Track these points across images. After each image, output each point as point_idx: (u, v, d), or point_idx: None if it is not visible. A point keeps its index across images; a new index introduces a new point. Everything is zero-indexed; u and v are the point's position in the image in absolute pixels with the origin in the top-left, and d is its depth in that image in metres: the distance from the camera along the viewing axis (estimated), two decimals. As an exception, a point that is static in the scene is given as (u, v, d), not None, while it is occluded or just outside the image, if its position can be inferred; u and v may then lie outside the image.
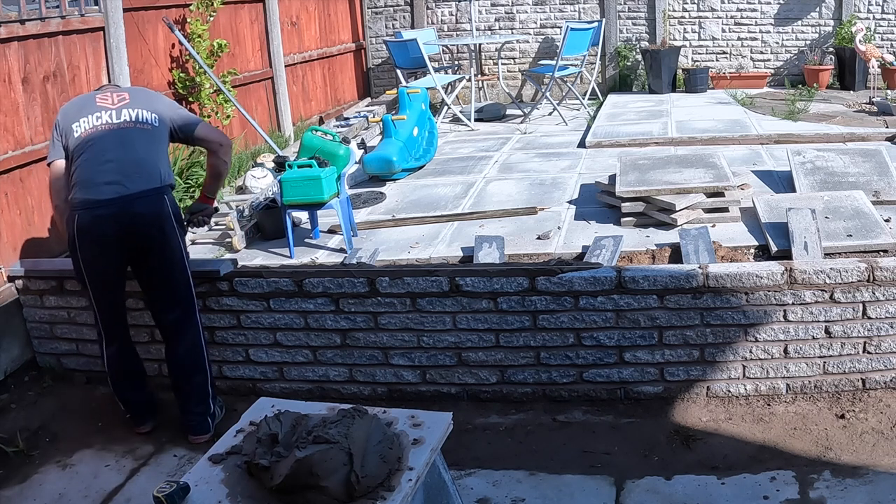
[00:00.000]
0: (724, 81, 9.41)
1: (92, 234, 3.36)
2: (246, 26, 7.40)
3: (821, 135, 6.69)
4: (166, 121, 3.58)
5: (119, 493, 3.20)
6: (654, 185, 4.96)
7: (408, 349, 3.72)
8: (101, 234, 3.35)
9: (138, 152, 3.43)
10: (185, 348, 3.55)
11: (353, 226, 5.16)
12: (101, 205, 3.32)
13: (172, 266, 3.48)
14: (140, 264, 3.49)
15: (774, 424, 3.32)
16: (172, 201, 3.49)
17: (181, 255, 3.50)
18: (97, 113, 3.47)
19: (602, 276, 3.48)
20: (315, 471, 2.08)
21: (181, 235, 3.52)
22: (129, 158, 3.40)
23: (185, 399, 3.55)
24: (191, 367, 3.55)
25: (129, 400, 3.63)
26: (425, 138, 6.90)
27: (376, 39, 10.34)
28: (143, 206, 3.37)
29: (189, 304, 3.55)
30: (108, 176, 3.36)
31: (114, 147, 3.41)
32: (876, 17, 9.16)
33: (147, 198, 3.38)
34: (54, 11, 4.75)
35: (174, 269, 3.49)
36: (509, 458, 3.25)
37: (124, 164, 3.39)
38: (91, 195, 3.34)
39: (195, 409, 3.54)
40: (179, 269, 3.51)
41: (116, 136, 3.44)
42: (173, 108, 3.71)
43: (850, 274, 3.34)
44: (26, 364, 4.19)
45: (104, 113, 3.47)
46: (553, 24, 9.90)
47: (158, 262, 3.46)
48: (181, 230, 3.53)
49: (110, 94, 3.57)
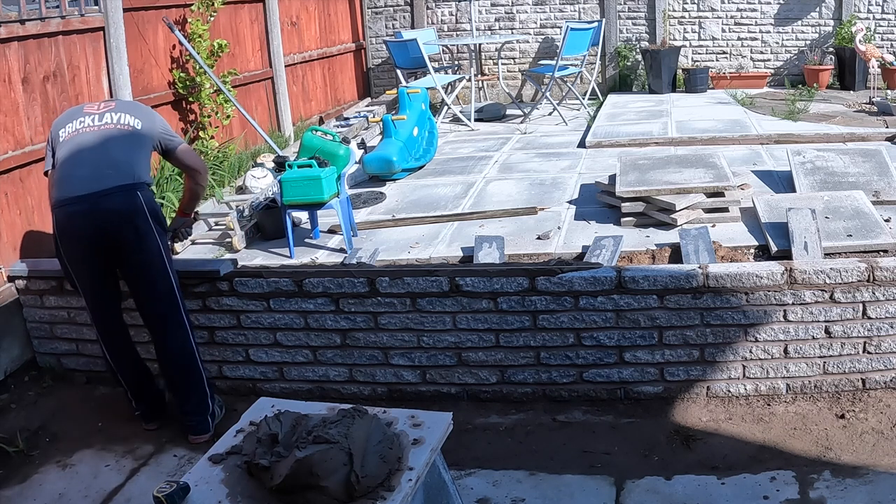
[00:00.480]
0: (724, 81, 9.41)
1: (69, 233, 3.37)
2: (246, 26, 7.40)
3: (821, 135, 6.69)
4: (150, 130, 3.57)
5: (119, 493, 3.20)
6: (654, 185, 4.96)
7: (408, 349, 3.72)
8: (76, 232, 3.35)
9: (114, 151, 3.43)
10: (173, 348, 3.52)
11: (353, 226, 5.16)
12: (74, 201, 3.32)
13: (150, 264, 3.43)
14: (120, 263, 3.46)
15: (774, 424, 3.32)
16: (149, 199, 3.44)
17: (160, 254, 3.45)
18: (81, 118, 3.52)
19: (602, 276, 3.48)
20: (315, 471, 2.08)
21: (160, 234, 3.46)
22: (104, 158, 3.40)
23: (182, 399, 3.55)
24: (181, 367, 3.52)
25: (139, 397, 3.63)
26: (425, 138, 6.90)
27: (376, 39, 10.35)
28: (114, 202, 3.33)
29: (172, 303, 3.49)
30: (82, 173, 3.36)
31: (91, 147, 3.42)
32: (876, 17, 9.16)
33: (119, 194, 3.34)
34: (54, 11, 4.75)
35: (152, 268, 3.44)
36: (509, 458, 3.25)
37: (99, 162, 3.38)
38: (65, 193, 3.35)
39: (193, 409, 3.53)
40: (157, 268, 3.45)
41: (94, 137, 3.45)
42: (161, 122, 3.71)
43: (850, 274, 3.34)
44: (26, 364, 4.19)
45: (87, 117, 3.52)
46: (553, 24, 9.90)
47: (136, 260, 3.42)
48: (161, 229, 3.47)
49: (99, 103, 3.62)
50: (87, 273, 3.46)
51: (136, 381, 3.63)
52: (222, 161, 6.39)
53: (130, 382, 3.62)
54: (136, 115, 3.57)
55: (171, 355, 3.52)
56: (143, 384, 3.65)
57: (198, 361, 3.55)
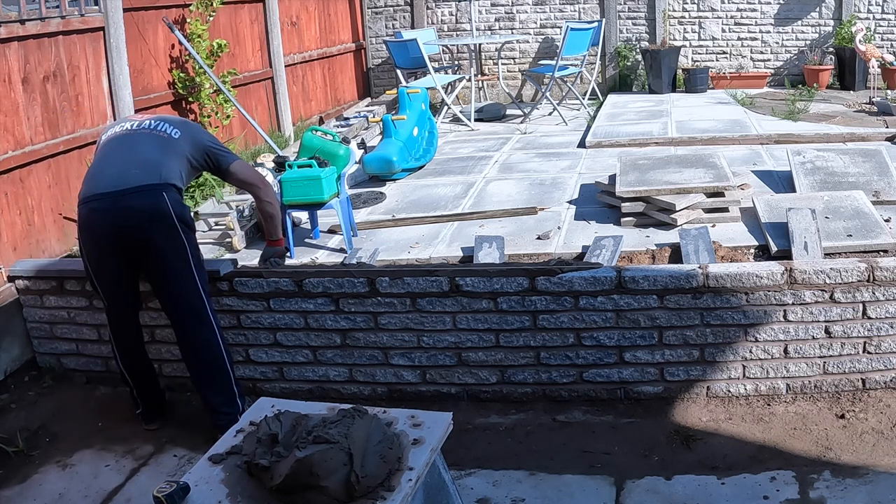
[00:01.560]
0: (724, 81, 9.41)
1: (89, 230, 3.33)
2: (246, 26, 7.40)
3: (821, 135, 6.69)
4: (189, 141, 3.51)
5: (119, 493, 3.20)
6: (654, 185, 4.96)
7: (408, 349, 3.72)
8: (96, 229, 3.31)
9: (144, 152, 3.39)
10: (198, 350, 3.45)
11: (353, 226, 5.16)
12: (97, 198, 3.29)
13: (173, 268, 3.34)
14: (143, 265, 3.39)
15: (774, 424, 3.32)
16: (175, 201, 3.34)
17: (185, 257, 3.34)
18: (123, 123, 3.55)
19: (602, 276, 3.48)
20: (315, 471, 2.08)
21: (187, 237, 3.35)
22: (133, 157, 3.37)
23: (210, 398, 3.48)
24: (207, 368, 3.45)
25: (143, 397, 3.62)
26: (425, 138, 6.90)
27: (376, 39, 10.34)
28: (136, 200, 3.26)
29: (196, 308, 3.41)
30: (110, 171, 3.34)
31: (123, 148, 3.42)
32: (876, 17, 9.16)
33: (142, 192, 3.27)
34: (54, 11, 4.75)
35: (175, 272, 3.34)
36: (509, 458, 3.25)
37: (127, 162, 3.35)
38: (90, 190, 3.33)
39: (220, 407, 3.45)
40: (181, 272, 3.35)
41: (128, 139, 3.45)
42: (208, 136, 3.66)
43: (850, 274, 3.34)
44: (26, 364, 4.19)
45: (128, 123, 3.54)
46: (553, 24, 9.90)
47: (158, 263, 3.34)
48: (188, 232, 3.37)
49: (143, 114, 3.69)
50: (108, 273, 3.41)
51: (142, 381, 3.61)
52: (222, 161, 6.39)
53: (137, 382, 3.60)
54: (177, 126, 3.54)
55: (197, 356, 3.46)
56: (149, 385, 3.64)
57: (225, 362, 3.47)
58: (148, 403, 3.64)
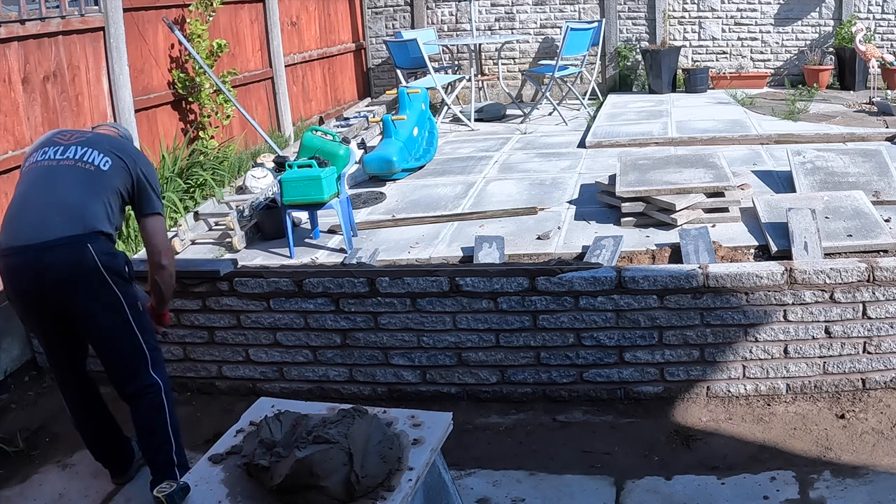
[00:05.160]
0: (724, 81, 9.41)
1: (11, 285, 2.88)
2: (246, 26, 7.40)
3: (821, 135, 6.70)
4: (124, 169, 2.96)
5: (119, 493, 3.20)
6: (654, 185, 4.96)
7: (408, 349, 3.72)
8: (17, 286, 2.86)
9: (66, 194, 2.86)
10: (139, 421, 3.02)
11: (353, 226, 5.16)
12: (13, 252, 2.82)
13: (111, 331, 2.89)
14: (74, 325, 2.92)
15: (774, 424, 3.32)
16: (102, 251, 2.83)
17: (121, 311, 2.88)
18: (46, 148, 2.99)
19: (602, 276, 3.48)
20: (315, 471, 2.08)
21: (121, 290, 2.88)
22: (53, 201, 2.85)
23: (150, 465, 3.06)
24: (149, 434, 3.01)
25: (99, 457, 3.22)
26: (425, 138, 6.90)
27: (376, 39, 10.34)
28: (58, 256, 2.77)
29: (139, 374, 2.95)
30: (28, 217, 2.85)
31: (43, 186, 2.89)
32: (876, 17, 9.16)
33: (64, 247, 2.78)
34: (54, 11, 4.75)
35: (113, 335, 2.90)
36: (509, 458, 3.25)
37: (47, 207, 2.84)
38: (7, 241, 2.86)
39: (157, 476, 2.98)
40: (123, 331, 2.89)
41: (50, 175, 2.91)
42: (148, 169, 3.05)
43: (850, 274, 3.34)
44: (26, 364, 4.19)
45: (51, 149, 2.97)
46: (553, 24, 9.90)
47: (90, 328, 2.89)
48: (123, 284, 2.89)
49: (72, 133, 3.09)
50: (37, 330, 3.03)
51: (97, 438, 3.19)
52: (222, 161, 6.40)
53: (90, 441, 3.19)
54: (108, 153, 2.96)
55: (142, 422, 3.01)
56: (106, 440, 3.20)
57: (169, 430, 3.00)
58: (106, 461, 3.22)
